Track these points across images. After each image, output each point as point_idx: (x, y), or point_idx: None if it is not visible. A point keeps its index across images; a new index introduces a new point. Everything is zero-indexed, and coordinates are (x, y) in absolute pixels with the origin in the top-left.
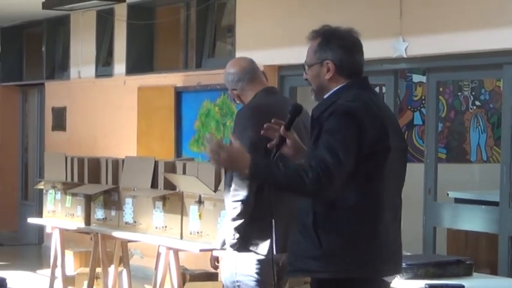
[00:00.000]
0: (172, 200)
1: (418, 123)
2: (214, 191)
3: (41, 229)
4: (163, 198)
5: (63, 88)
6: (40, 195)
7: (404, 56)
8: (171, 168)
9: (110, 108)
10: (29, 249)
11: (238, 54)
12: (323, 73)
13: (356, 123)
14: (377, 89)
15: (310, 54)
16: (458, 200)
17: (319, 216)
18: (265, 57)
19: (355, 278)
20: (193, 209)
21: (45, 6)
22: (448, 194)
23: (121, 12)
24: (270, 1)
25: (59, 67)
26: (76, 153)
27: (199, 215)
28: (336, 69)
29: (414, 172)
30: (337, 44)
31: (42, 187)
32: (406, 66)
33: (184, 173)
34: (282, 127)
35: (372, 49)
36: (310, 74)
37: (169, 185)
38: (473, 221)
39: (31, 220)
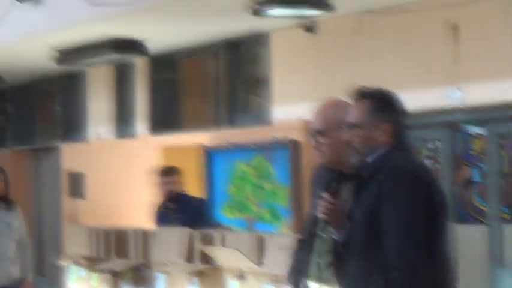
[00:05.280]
0: (210, 275)
1: (476, 179)
2: (258, 265)
3: None
4: (200, 274)
5: (80, 151)
6: (55, 271)
7: (460, 106)
8: (208, 239)
9: (133, 172)
10: None
11: (275, 109)
12: (378, 135)
13: (421, 186)
14: (430, 145)
15: (359, 114)
16: None
17: None
18: (305, 112)
19: None
20: (234, 284)
21: (59, 61)
22: None
23: (142, 66)
24: (308, 51)
25: (75, 127)
26: (97, 223)
27: None
28: (393, 132)
29: (475, 235)
30: (393, 107)
31: (63, 262)
32: (463, 117)
33: (223, 244)
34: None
35: (424, 99)
36: (358, 135)
37: (207, 258)
38: None
39: None
